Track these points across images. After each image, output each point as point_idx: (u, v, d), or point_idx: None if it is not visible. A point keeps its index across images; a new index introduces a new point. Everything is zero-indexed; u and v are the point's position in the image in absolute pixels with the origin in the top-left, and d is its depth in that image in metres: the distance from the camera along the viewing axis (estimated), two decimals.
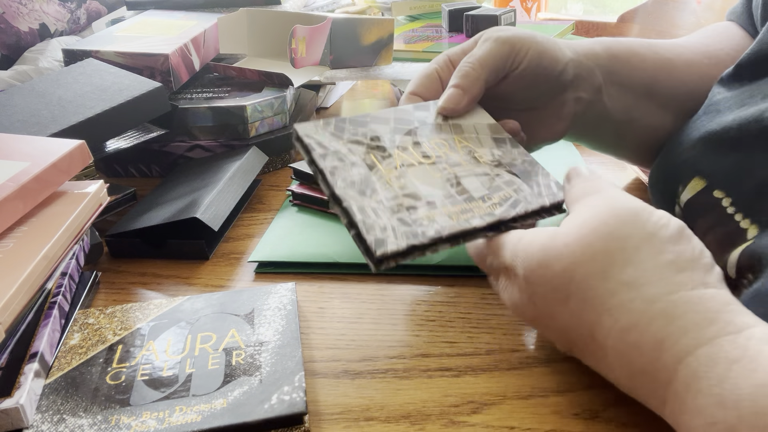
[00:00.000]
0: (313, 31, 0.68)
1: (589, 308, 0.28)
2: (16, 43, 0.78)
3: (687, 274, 0.27)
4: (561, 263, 0.29)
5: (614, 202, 0.30)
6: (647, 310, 0.26)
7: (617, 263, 0.28)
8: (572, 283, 0.29)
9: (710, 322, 0.25)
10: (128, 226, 0.49)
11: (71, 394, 0.32)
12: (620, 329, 0.27)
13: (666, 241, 0.28)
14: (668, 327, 0.25)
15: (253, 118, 0.62)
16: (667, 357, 0.25)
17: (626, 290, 0.27)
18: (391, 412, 0.32)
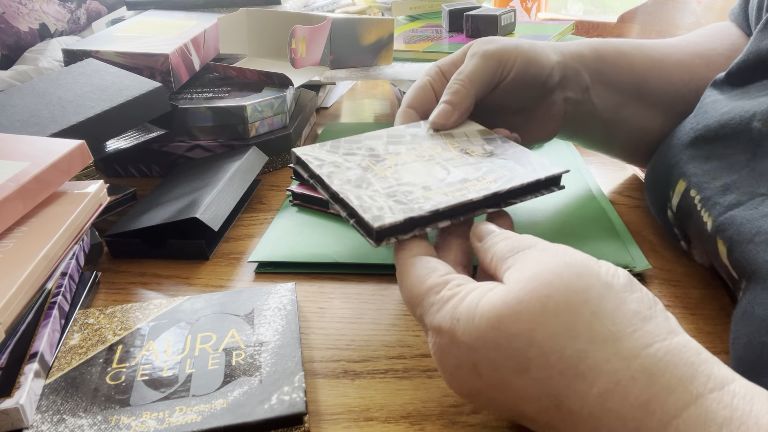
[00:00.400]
0: (313, 31, 0.68)
1: (556, 374, 0.25)
2: (16, 43, 0.78)
3: (653, 323, 0.25)
4: (517, 325, 0.25)
5: (560, 253, 0.27)
6: (626, 370, 0.24)
7: (583, 317, 0.25)
8: (533, 347, 0.25)
9: (693, 376, 0.23)
10: (128, 226, 0.49)
11: (71, 395, 0.32)
12: (597, 394, 0.24)
13: (622, 290, 0.26)
14: (652, 386, 0.23)
15: (253, 118, 0.62)
16: (652, 422, 0.23)
17: (599, 348, 0.24)
18: (391, 412, 0.32)
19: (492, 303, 0.26)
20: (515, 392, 0.26)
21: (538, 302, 0.25)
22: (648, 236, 0.48)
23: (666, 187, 0.43)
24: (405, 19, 1.02)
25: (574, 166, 0.60)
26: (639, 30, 1.30)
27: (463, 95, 0.42)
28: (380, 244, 0.33)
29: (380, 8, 1.05)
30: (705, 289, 0.42)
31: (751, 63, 0.41)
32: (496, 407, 0.28)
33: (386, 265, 0.45)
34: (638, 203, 0.54)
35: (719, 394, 0.22)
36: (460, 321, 0.27)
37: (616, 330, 0.24)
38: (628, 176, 0.60)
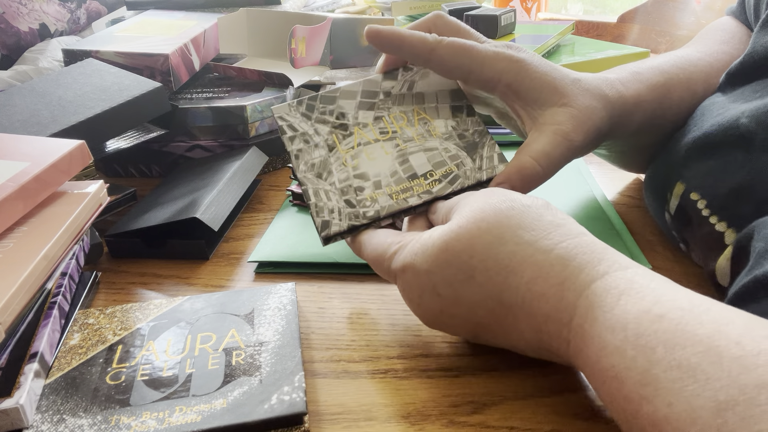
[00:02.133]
0: (313, 31, 0.68)
1: (494, 275, 0.30)
2: (16, 43, 0.78)
3: (566, 227, 0.31)
4: (460, 243, 0.31)
5: (489, 193, 0.34)
6: (546, 260, 0.29)
7: (510, 228, 0.31)
8: (474, 257, 0.31)
9: (599, 261, 0.29)
10: (128, 226, 0.49)
11: (71, 395, 0.32)
12: (527, 282, 0.30)
13: (540, 208, 0.32)
14: (566, 269, 0.29)
15: (253, 118, 0.62)
16: (569, 295, 0.28)
17: (524, 248, 0.30)
18: (391, 412, 0.32)
19: (440, 233, 0.32)
20: (467, 301, 0.32)
21: (473, 224, 0.32)
22: (648, 236, 0.48)
23: (663, 189, 0.43)
24: (405, 19, 1.02)
25: (574, 165, 0.60)
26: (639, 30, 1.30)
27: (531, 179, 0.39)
28: (326, 244, 0.39)
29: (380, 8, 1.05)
30: (705, 289, 0.42)
31: (748, 65, 0.41)
32: (457, 324, 0.33)
33: None
34: (638, 203, 0.54)
35: (622, 272, 0.28)
36: (417, 254, 0.33)
37: (536, 234, 0.31)
38: (628, 176, 0.60)
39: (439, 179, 0.40)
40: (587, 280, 0.28)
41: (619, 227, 0.48)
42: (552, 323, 0.29)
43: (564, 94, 0.40)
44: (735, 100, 0.40)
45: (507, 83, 0.41)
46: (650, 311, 0.25)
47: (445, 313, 0.33)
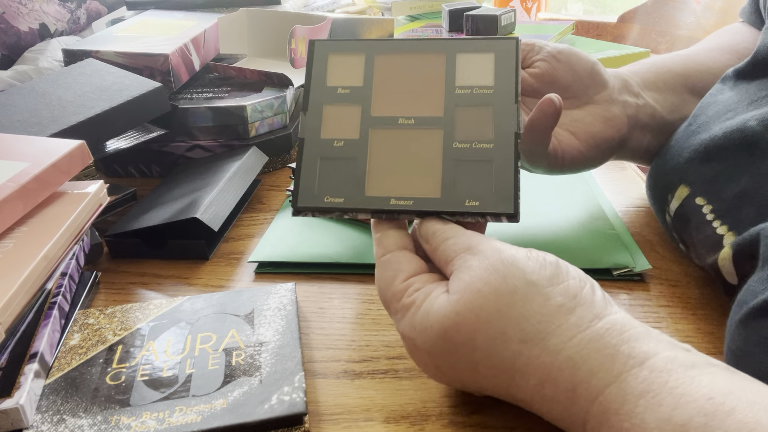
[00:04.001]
0: (313, 31, 0.68)
1: (499, 372, 0.28)
2: (16, 43, 0.78)
3: (578, 314, 0.27)
4: (460, 335, 0.28)
5: (489, 257, 0.30)
6: (554, 362, 0.27)
7: (513, 321, 0.28)
8: (476, 352, 0.28)
9: (613, 359, 0.26)
10: (128, 226, 0.49)
11: (71, 395, 0.32)
12: (534, 385, 0.27)
13: (547, 284, 0.28)
14: (577, 374, 0.26)
15: (253, 118, 0.62)
16: (581, 402, 0.26)
17: (529, 348, 0.27)
18: (391, 412, 0.32)
19: (436, 314, 0.29)
20: (475, 384, 0.30)
21: (472, 313, 0.28)
22: (648, 236, 0.48)
23: (665, 190, 0.43)
24: (405, 19, 1.02)
25: None
26: (639, 30, 1.30)
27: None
28: (296, 215, 0.36)
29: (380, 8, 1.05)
30: (705, 289, 0.42)
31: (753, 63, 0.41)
32: (469, 390, 0.31)
33: None
34: (638, 203, 0.54)
35: (638, 370, 0.25)
36: (417, 330, 0.30)
37: (543, 328, 0.27)
38: (629, 176, 0.60)
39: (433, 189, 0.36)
40: (600, 386, 0.25)
41: (619, 227, 0.48)
42: (565, 424, 0.27)
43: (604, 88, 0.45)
44: (740, 99, 0.40)
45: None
46: (670, 419, 0.23)
47: (454, 385, 0.31)
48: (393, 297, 0.32)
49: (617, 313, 0.28)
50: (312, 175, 0.36)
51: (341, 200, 0.35)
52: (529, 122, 0.40)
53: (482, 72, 0.37)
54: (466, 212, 0.34)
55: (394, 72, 0.38)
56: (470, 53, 0.38)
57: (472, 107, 0.37)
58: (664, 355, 0.25)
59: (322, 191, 0.36)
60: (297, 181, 0.36)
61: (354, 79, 0.38)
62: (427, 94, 0.37)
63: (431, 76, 0.38)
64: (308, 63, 0.39)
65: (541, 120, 0.39)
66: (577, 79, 0.44)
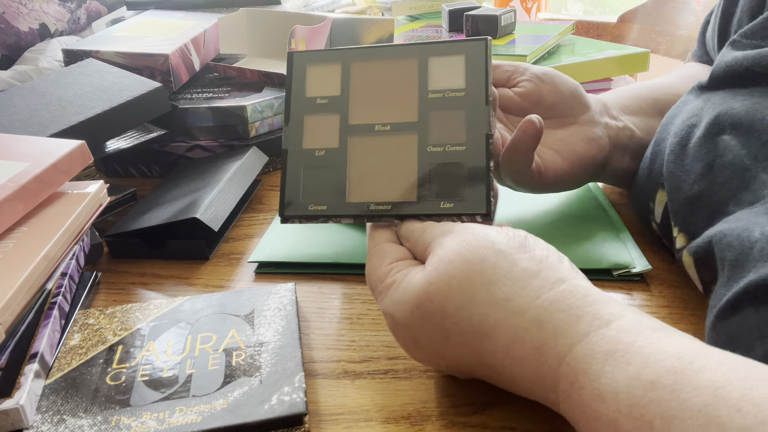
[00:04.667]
0: (313, 31, 0.68)
1: (469, 338, 0.29)
2: (16, 43, 0.78)
3: (542, 277, 0.29)
4: (432, 303, 0.29)
5: (461, 233, 0.31)
6: (520, 323, 0.28)
7: (481, 286, 0.29)
8: (447, 320, 0.29)
9: (578, 319, 0.26)
10: (128, 226, 0.49)
11: (71, 395, 0.32)
12: (502, 347, 0.28)
13: (514, 251, 0.30)
14: (543, 332, 0.27)
15: (253, 118, 0.62)
16: (549, 361, 0.26)
17: (496, 310, 0.28)
18: (391, 412, 0.32)
19: (412, 287, 0.30)
20: (450, 357, 0.30)
21: (443, 281, 0.29)
22: (648, 236, 0.48)
23: (647, 199, 0.43)
24: (405, 19, 1.02)
25: None
26: (639, 30, 1.30)
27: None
28: (284, 223, 0.38)
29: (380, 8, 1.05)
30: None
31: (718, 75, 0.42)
32: (450, 370, 0.32)
33: None
34: None
35: (605, 330, 0.25)
36: (395, 305, 0.31)
37: (509, 290, 0.28)
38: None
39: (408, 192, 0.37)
40: (567, 344, 0.26)
41: (618, 227, 0.48)
42: (537, 387, 0.27)
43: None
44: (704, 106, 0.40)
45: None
46: (640, 377, 0.23)
47: (434, 362, 0.32)
48: (378, 279, 0.33)
49: (583, 281, 0.29)
50: (296, 184, 0.38)
51: (324, 207, 0.37)
52: (512, 143, 0.41)
53: (453, 75, 0.38)
54: (441, 214, 0.35)
55: (370, 79, 0.40)
56: (441, 56, 0.39)
57: (444, 110, 0.38)
58: (630, 318, 0.26)
59: (307, 199, 0.38)
60: (282, 191, 0.38)
61: (331, 88, 0.40)
62: (402, 99, 0.39)
63: (405, 81, 0.39)
64: (288, 75, 0.41)
65: (523, 140, 0.41)
66: (561, 99, 0.46)
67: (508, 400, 0.32)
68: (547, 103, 0.46)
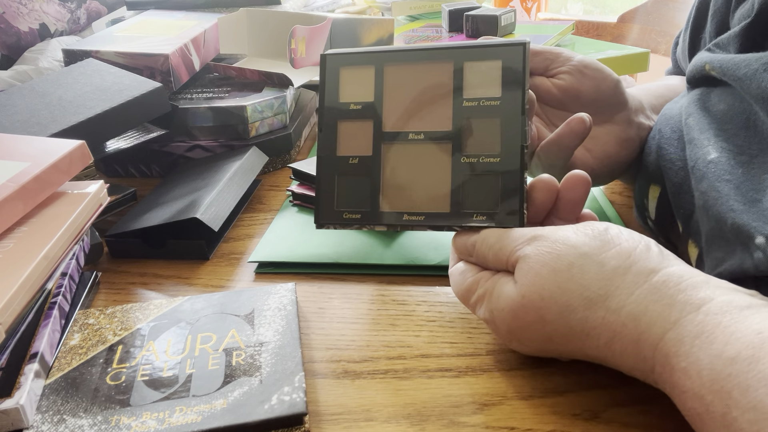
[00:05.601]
0: (313, 31, 0.68)
1: (572, 339, 0.31)
2: (16, 43, 0.78)
3: (633, 272, 0.29)
4: (529, 315, 0.31)
5: (542, 242, 0.32)
6: (617, 320, 0.29)
7: (574, 292, 0.30)
8: (547, 326, 0.31)
9: (670, 308, 0.28)
10: (128, 226, 0.49)
11: (71, 395, 0.32)
12: (604, 344, 0.30)
13: (599, 251, 0.31)
14: (639, 326, 0.28)
15: (253, 118, 0.62)
16: (645, 350, 0.28)
17: (593, 312, 0.30)
18: (391, 412, 0.32)
19: (506, 299, 0.32)
20: (555, 351, 0.33)
21: (535, 294, 0.31)
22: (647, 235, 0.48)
23: (641, 198, 0.43)
24: (405, 19, 1.03)
25: None
26: (639, 30, 1.30)
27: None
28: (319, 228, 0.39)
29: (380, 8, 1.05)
30: None
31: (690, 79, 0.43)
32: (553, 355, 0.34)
33: (386, 265, 0.45)
34: None
35: (694, 315, 0.27)
36: (493, 314, 0.33)
37: (603, 292, 0.30)
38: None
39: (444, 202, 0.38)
40: (660, 333, 0.28)
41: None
42: (638, 371, 0.29)
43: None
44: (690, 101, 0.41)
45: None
46: (721, 355, 0.25)
47: (537, 353, 0.34)
48: (467, 293, 0.35)
49: (675, 266, 0.30)
50: (330, 191, 0.39)
51: (358, 216, 0.38)
52: (556, 136, 0.41)
53: (489, 81, 0.37)
54: (474, 226, 0.36)
55: (404, 83, 0.39)
56: (477, 61, 0.38)
57: (479, 119, 0.37)
58: (720, 300, 0.27)
59: (341, 206, 0.39)
60: (318, 196, 0.39)
61: (365, 93, 0.39)
62: (436, 106, 0.38)
63: (440, 87, 0.38)
64: (321, 79, 0.40)
65: (569, 137, 0.40)
66: (600, 96, 0.44)
67: (508, 400, 0.33)
68: (587, 99, 0.44)
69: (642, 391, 0.32)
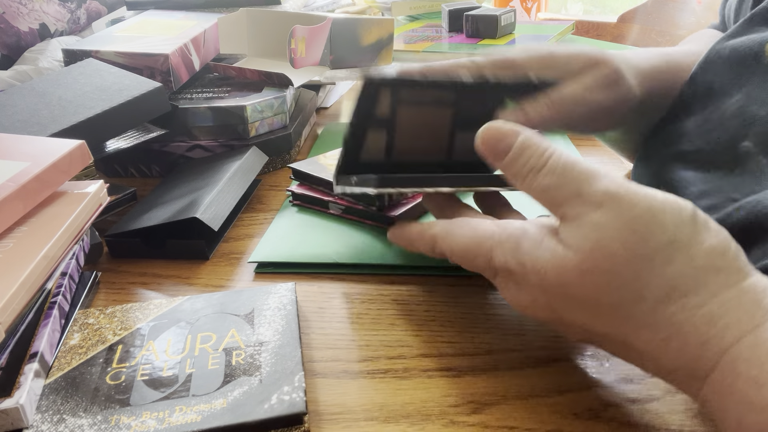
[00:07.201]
0: (313, 31, 0.68)
1: (623, 325, 0.27)
2: (16, 43, 0.78)
3: (724, 272, 0.26)
4: (584, 290, 0.27)
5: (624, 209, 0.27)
6: (689, 318, 0.26)
7: (651, 284, 0.26)
8: (600, 307, 0.27)
9: (753, 313, 0.25)
10: (128, 226, 0.49)
11: (71, 394, 0.32)
12: (661, 339, 0.26)
13: (690, 240, 0.26)
14: (712, 329, 0.25)
15: (253, 118, 0.62)
16: (709, 354, 0.25)
17: (665, 306, 0.26)
18: (391, 412, 0.32)
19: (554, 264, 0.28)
20: (587, 328, 0.28)
21: (603, 277, 0.27)
22: None
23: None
24: (405, 19, 1.03)
25: None
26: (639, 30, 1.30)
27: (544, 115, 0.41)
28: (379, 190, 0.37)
29: (380, 8, 1.05)
30: None
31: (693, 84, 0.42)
32: (571, 334, 0.30)
33: (386, 265, 0.45)
34: None
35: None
36: (527, 266, 0.29)
37: (685, 288, 0.26)
38: (628, 176, 0.60)
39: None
40: (735, 336, 0.25)
41: None
42: (682, 373, 0.26)
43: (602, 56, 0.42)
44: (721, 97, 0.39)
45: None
46: None
47: (554, 323, 0.30)
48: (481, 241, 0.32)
49: (757, 274, 0.27)
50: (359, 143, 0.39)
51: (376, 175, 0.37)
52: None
53: None
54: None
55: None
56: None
57: None
58: None
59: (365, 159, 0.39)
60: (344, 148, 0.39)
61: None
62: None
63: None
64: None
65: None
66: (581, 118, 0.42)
67: (508, 400, 0.32)
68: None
69: (643, 391, 0.32)
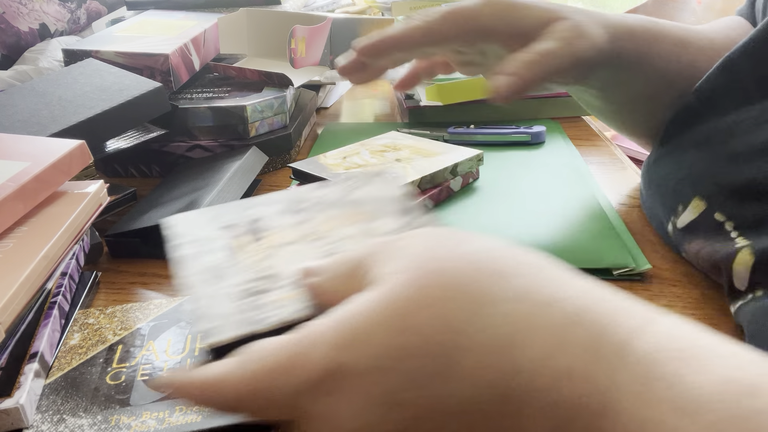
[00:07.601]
0: (313, 31, 0.68)
1: (489, 355, 0.20)
2: (16, 43, 0.78)
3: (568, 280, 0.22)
4: (421, 314, 0.20)
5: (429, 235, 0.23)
6: (561, 312, 0.21)
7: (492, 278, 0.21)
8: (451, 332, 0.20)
9: (626, 311, 0.21)
10: (128, 226, 0.49)
11: (71, 394, 0.32)
12: (544, 358, 0.20)
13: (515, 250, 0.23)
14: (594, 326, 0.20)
15: (253, 118, 0.62)
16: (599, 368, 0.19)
17: (520, 305, 0.21)
18: None
19: (369, 302, 0.21)
20: (448, 408, 0.19)
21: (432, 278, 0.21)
22: (648, 236, 0.48)
23: (674, 199, 0.42)
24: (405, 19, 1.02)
25: (575, 166, 0.60)
26: None
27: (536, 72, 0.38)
28: (216, 358, 0.27)
29: (380, 8, 1.05)
30: (705, 289, 0.42)
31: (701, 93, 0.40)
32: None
33: None
34: (638, 203, 0.54)
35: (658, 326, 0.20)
36: (342, 346, 0.20)
37: (527, 279, 0.21)
38: (628, 176, 0.60)
39: None
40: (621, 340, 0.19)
41: (619, 227, 0.48)
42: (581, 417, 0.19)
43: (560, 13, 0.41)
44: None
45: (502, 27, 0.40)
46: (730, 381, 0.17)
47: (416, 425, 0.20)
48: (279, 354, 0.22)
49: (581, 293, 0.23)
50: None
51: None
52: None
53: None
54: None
55: None
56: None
57: None
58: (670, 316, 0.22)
59: None
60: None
61: None
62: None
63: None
64: None
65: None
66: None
67: None
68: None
69: None
